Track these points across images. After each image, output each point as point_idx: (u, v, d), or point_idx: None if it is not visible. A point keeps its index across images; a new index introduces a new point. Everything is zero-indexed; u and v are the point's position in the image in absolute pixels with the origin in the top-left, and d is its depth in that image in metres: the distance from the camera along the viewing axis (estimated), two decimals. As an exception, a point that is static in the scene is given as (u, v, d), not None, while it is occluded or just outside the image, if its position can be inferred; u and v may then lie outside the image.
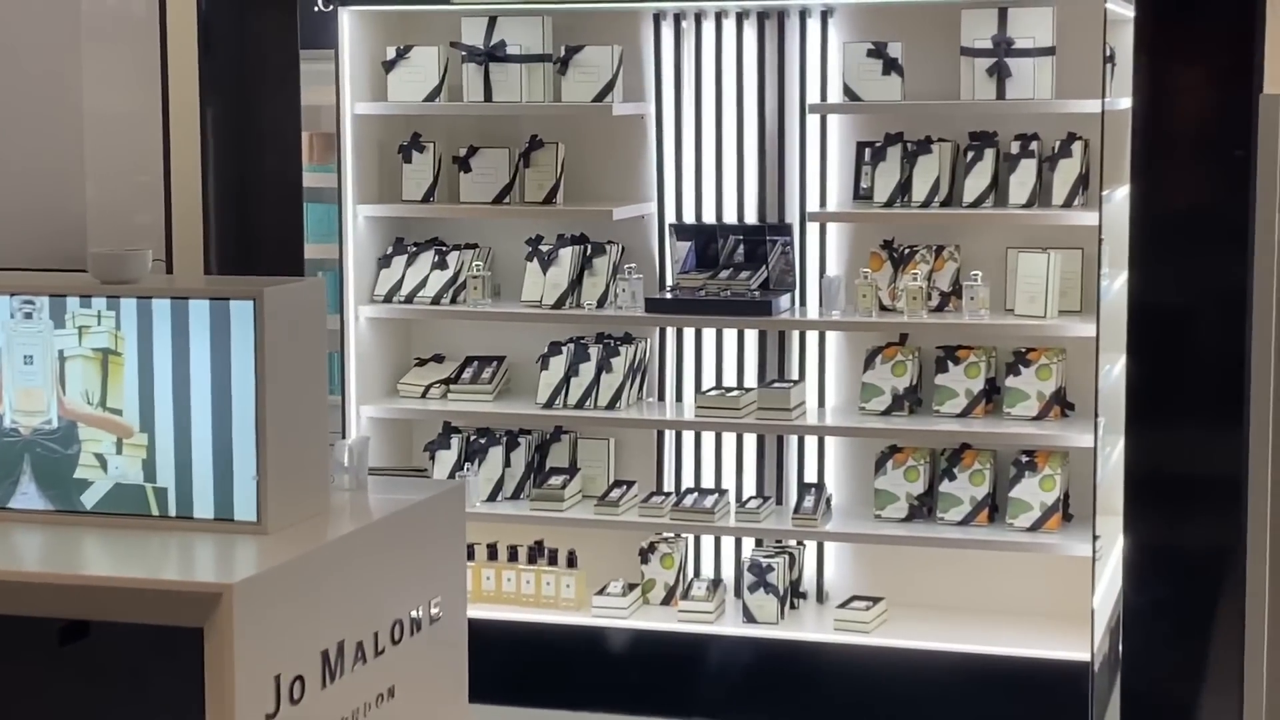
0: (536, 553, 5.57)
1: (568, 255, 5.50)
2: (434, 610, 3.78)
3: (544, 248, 5.53)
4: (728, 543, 5.58)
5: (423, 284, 5.60)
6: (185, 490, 3.46)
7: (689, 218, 5.55)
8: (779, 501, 5.53)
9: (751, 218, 5.50)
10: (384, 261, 5.66)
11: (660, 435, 5.64)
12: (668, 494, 5.53)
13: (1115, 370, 5.12)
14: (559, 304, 5.48)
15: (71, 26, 6.11)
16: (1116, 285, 5.11)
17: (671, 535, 5.51)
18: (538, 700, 5.33)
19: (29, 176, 6.19)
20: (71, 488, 3.52)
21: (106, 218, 5.99)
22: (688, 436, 5.62)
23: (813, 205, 5.44)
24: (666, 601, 5.48)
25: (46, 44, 6.13)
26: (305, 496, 3.56)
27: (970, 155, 5.22)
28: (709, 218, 5.53)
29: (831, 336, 5.49)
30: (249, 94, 5.52)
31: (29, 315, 3.51)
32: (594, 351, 5.49)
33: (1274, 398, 2.40)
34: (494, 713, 5.03)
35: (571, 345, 5.52)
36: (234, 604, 3.11)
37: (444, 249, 5.64)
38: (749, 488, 5.58)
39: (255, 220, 5.56)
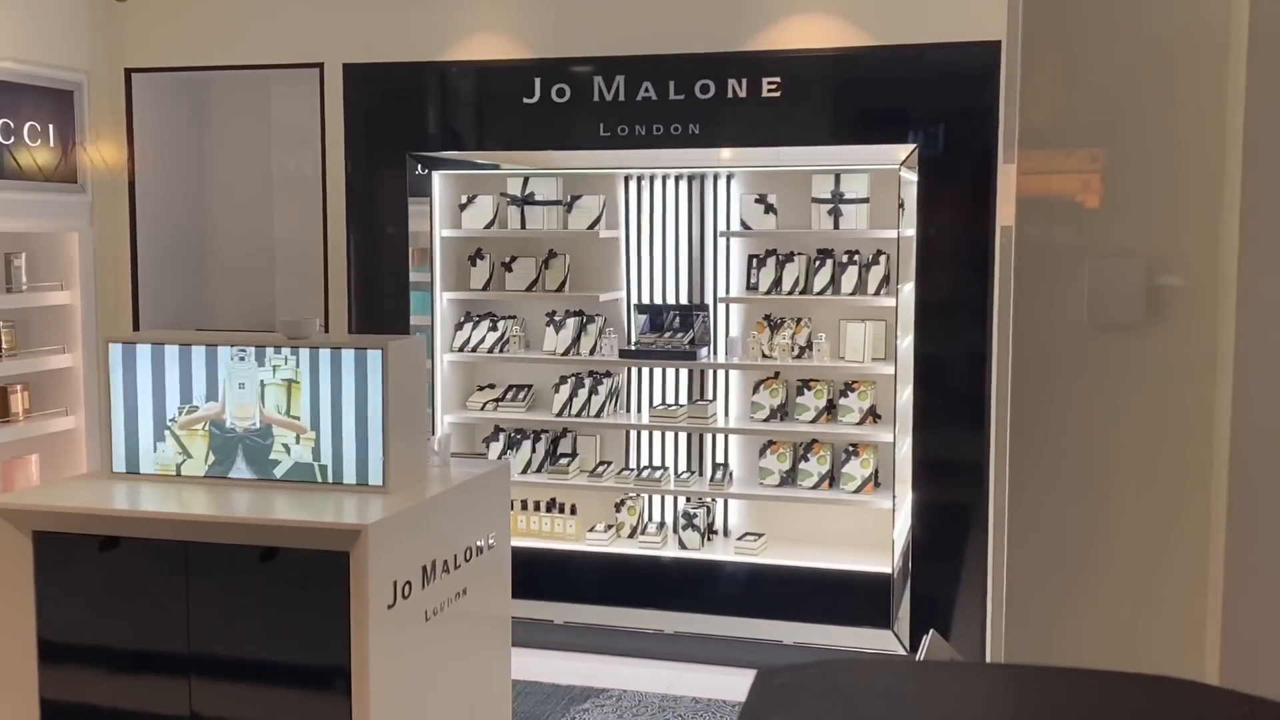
0: (551, 505, 5.56)
1: (572, 323, 5.50)
2: (490, 541, 3.78)
3: (557, 318, 5.54)
4: (669, 500, 5.58)
5: (482, 340, 5.60)
6: (338, 466, 3.46)
7: (646, 299, 5.56)
8: (700, 474, 5.53)
9: (684, 299, 5.52)
10: (459, 326, 5.66)
11: (628, 433, 5.64)
12: (632, 469, 5.53)
13: (906, 395, 5.15)
14: (566, 353, 5.49)
15: (266, 183, 6.10)
16: (906, 343, 5.15)
17: (634, 494, 5.51)
18: (551, 596, 5.32)
19: (243, 275, 6.16)
20: (268, 465, 3.52)
21: (288, 299, 5.97)
22: (645, 434, 5.62)
23: (721, 293, 5.46)
24: (631, 536, 5.47)
25: (257, 195, 6.12)
26: (412, 469, 3.57)
27: (817, 263, 5.26)
28: (658, 299, 5.55)
29: (734, 374, 5.51)
30: (376, 223, 5.52)
31: (242, 358, 3.51)
32: (587, 382, 5.49)
33: (1010, 415, 2.42)
34: (526, 604, 5.02)
35: (573, 378, 5.53)
36: (369, 537, 3.11)
37: (495, 318, 5.64)
38: (682, 465, 5.58)
39: (380, 301, 5.55)
